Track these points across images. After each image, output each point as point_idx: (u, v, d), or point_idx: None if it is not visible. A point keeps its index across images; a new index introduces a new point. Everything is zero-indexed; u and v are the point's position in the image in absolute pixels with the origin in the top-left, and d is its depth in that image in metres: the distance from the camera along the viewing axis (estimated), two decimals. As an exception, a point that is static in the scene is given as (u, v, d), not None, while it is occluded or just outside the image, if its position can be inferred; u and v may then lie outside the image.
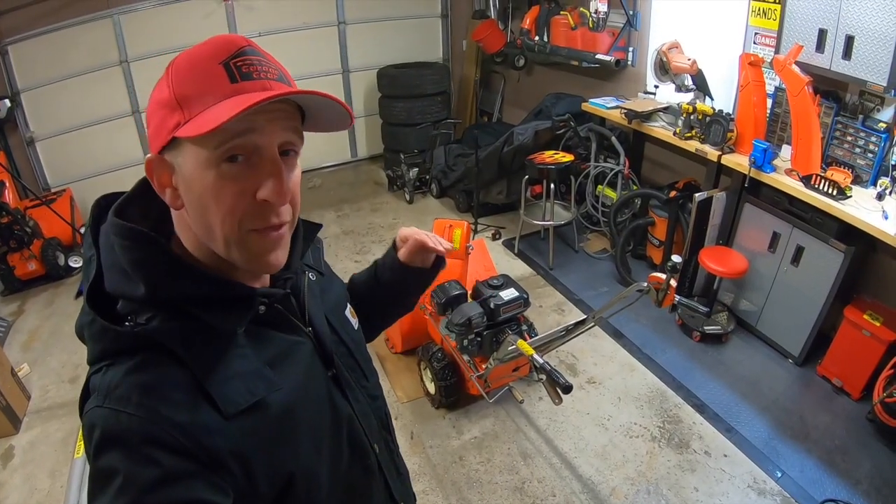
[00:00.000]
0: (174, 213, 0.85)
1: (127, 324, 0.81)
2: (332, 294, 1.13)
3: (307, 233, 1.04)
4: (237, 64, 0.77)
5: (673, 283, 2.61)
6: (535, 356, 2.53)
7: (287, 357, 0.92)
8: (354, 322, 1.16)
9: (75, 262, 5.07)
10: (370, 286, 1.34)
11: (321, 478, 0.94)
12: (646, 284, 2.70)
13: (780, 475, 2.91)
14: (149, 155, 0.81)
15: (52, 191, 5.61)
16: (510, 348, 2.79)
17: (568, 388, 2.35)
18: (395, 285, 1.33)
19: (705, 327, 3.83)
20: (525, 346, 2.64)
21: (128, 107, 5.83)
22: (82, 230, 5.16)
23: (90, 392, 0.80)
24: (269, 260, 0.85)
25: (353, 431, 1.03)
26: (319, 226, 1.09)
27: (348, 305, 1.17)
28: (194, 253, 0.86)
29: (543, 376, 2.48)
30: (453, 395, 3.39)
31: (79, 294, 4.77)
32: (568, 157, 4.66)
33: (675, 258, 2.60)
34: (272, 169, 0.79)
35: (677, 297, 2.69)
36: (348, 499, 1.03)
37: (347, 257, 5.17)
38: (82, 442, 2.69)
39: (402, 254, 1.30)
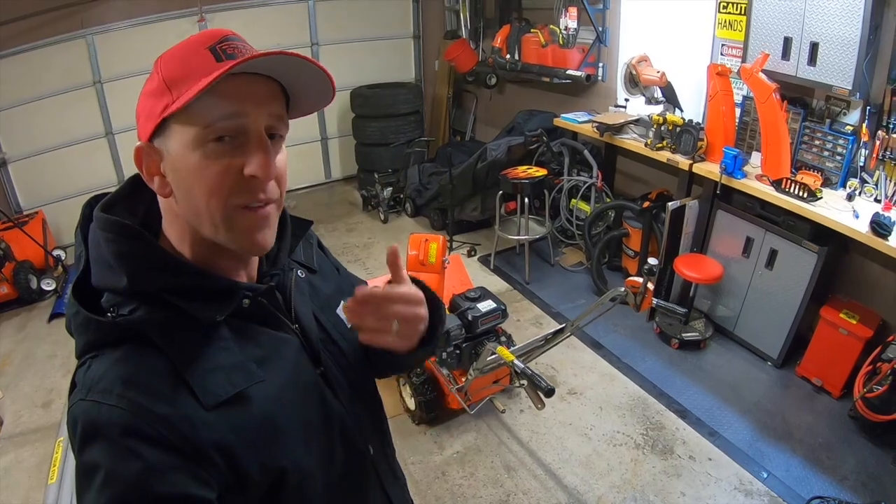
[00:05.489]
0: (163, 203, 0.86)
1: (110, 315, 0.80)
2: (323, 291, 1.10)
3: (296, 229, 1.03)
4: (223, 47, 0.79)
5: (650, 286, 2.61)
6: (516, 361, 2.50)
7: (273, 353, 0.91)
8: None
9: (48, 285, 4.92)
10: None
11: (313, 476, 0.92)
12: (623, 289, 2.69)
13: (766, 476, 2.91)
14: (137, 143, 0.81)
15: (25, 213, 5.47)
16: (490, 357, 2.76)
17: (550, 392, 2.33)
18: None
19: (683, 334, 3.84)
20: (505, 352, 2.61)
21: (101, 128, 5.73)
22: (55, 253, 5.08)
23: (76, 386, 0.80)
24: (256, 239, 0.85)
25: (346, 431, 1.00)
26: (310, 222, 1.08)
27: (342, 303, 1.11)
28: (181, 246, 0.86)
29: (525, 382, 2.45)
30: (434, 411, 3.33)
31: (52, 317, 4.65)
32: (541, 172, 4.69)
33: (652, 261, 2.61)
34: (258, 145, 0.80)
35: (655, 301, 2.69)
36: (343, 500, 1.01)
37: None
38: (56, 467, 2.61)
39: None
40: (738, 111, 3.75)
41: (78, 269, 0.86)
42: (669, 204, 3.90)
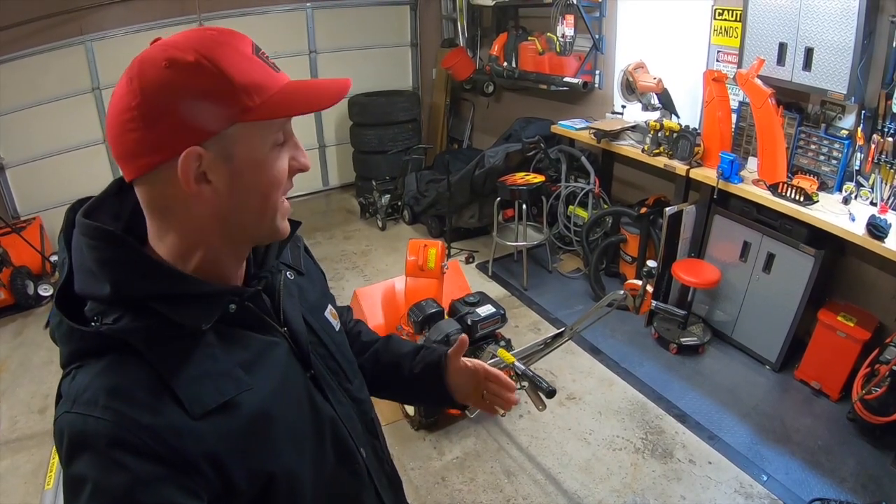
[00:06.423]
0: (181, 212, 0.80)
1: (93, 324, 0.78)
2: (311, 294, 1.10)
3: None
4: (263, 55, 0.82)
5: (649, 288, 2.61)
6: (517, 363, 2.49)
7: (261, 357, 0.89)
8: (336, 324, 1.13)
9: (45, 291, 4.92)
10: (403, 358, 1.31)
11: (304, 480, 0.90)
12: (622, 292, 2.69)
13: (765, 478, 2.91)
14: (191, 149, 0.74)
15: (22, 219, 5.48)
16: (491, 360, 2.75)
17: (551, 393, 2.30)
18: (416, 377, 1.28)
19: (682, 339, 3.85)
20: (505, 354, 2.58)
21: (100, 135, 5.71)
22: (52, 258, 5.06)
23: (61, 397, 0.79)
24: (286, 225, 0.90)
25: (337, 434, 1.00)
26: (298, 223, 1.06)
27: (329, 306, 1.14)
28: (178, 254, 0.83)
29: (525, 384, 2.44)
30: (433, 416, 3.33)
31: (48, 323, 4.61)
32: (539, 179, 4.70)
33: (651, 263, 2.60)
34: (296, 143, 0.87)
35: (654, 303, 2.69)
36: None
37: (321, 284, 5.12)
38: (52, 472, 2.59)
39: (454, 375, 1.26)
40: (734, 116, 3.78)
41: (61, 277, 0.84)
42: (667, 210, 3.91)
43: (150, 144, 0.74)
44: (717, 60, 3.87)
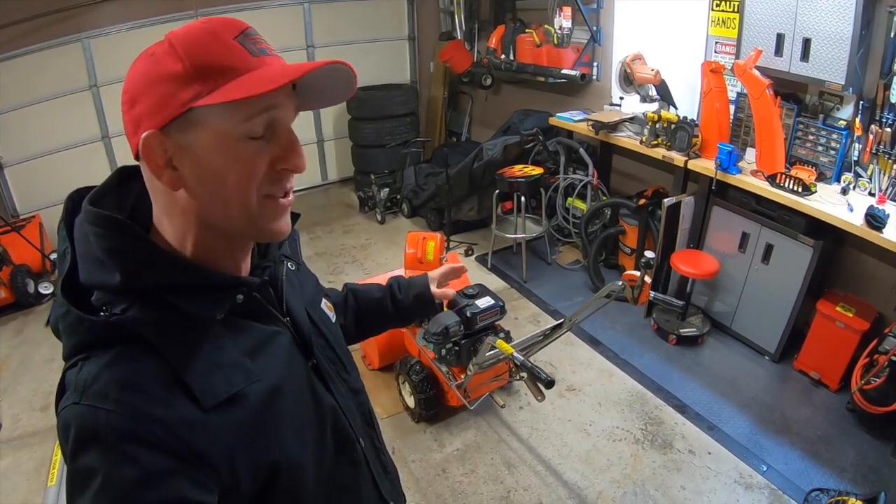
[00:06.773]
0: (164, 198, 0.81)
1: (102, 314, 0.77)
2: (308, 286, 1.12)
3: None
4: (251, 41, 0.78)
5: (647, 279, 2.61)
6: (516, 354, 2.50)
7: (266, 347, 0.90)
8: (332, 315, 1.16)
9: (45, 289, 4.93)
10: (381, 302, 1.49)
11: (306, 469, 0.91)
12: (620, 283, 2.70)
13: (765, 469, 2.92)
14: (148, 132, 0.74)
15: (22, 217, 5.48)
16: (490, 353, 2.76)
17: (550, 383, 2.32)
18: (408, 310, 1.51)
19: (681, 330, 3.86)
20: (504, 345, 2.61)
21: (98, 132, 5.74)
22: (52, 256, 5.06)
23: (65, 389, 0.77)
24: (281, 226, 0.86)
25: (338, 423, 1.00)
26: (297, 215, 1.06)
27: (324, 299, 1.16)
28: (180, 241, 0.83)
29: (524, 374, 2.45)
30: (433, 408, 3.34)
31: (49, 322, 4.64)
32: (537, 171, 4.70)
33: (649, 254, 2.61)
34: (291, 140, 0.81)
35: (652, 294, 2.69)
36: (335, 494, 1.00)
37: (321, 278, 5.06)
38: (55, 469, 2.58)
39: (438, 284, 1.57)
40: (732, 107, 3.77)
41: (64, 266, 0.82)
42: (665, 200, 3.92)
43: (131, 125, 0.77)
44: (715, 51, 3.86)
